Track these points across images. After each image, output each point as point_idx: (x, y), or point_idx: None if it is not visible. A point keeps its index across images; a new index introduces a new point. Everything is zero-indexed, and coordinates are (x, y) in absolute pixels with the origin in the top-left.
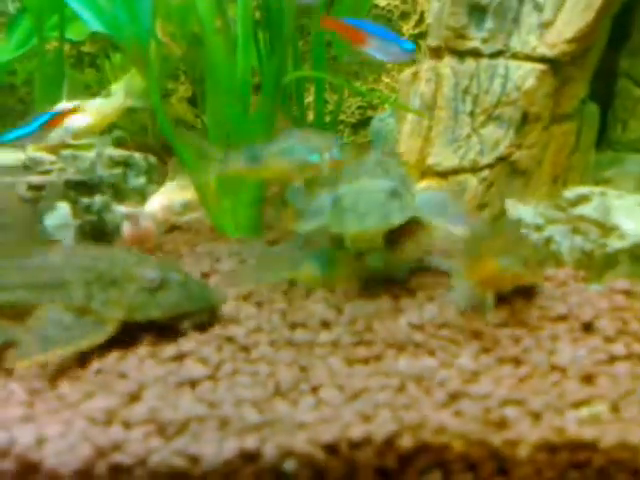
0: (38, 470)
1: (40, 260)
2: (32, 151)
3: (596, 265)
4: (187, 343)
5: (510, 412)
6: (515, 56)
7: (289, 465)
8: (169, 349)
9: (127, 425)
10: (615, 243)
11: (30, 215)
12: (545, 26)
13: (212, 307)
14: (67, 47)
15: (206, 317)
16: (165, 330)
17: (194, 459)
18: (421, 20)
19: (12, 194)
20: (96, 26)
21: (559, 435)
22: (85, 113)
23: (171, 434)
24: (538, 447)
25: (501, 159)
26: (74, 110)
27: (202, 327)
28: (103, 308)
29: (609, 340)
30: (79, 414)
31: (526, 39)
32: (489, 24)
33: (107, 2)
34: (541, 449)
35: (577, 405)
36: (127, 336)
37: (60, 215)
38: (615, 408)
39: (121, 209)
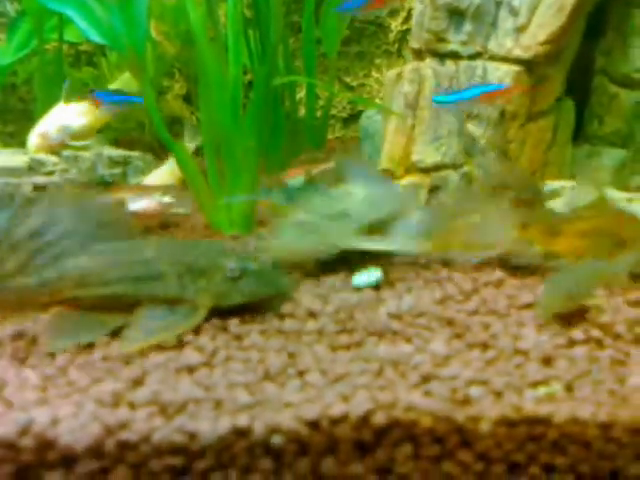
0: (54, 446)
1: (136, 255)
2: (34, 153)
3: None
4: (185, 333)
5: (474, 391)
6: (492, 58)
7: (277, 439)
8: None
9: (132, 406)
10: None
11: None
12: (520, 30)
13: (286, 292)
14: (65, 46)
15: (281, 301)
16: None
17: (192, 435)
18: (409, 17)
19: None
20: (93, 35)
21: (517, 412)
22: (80, 114)
23: (171, 414)
24: (498, 422)
25: None
26: None
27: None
28: (195, 296)
29: (570, 326)
30: (89, 397)
31: (502, 42)
32: (467, 28)
33: (104, 12)
34: (501, 424)
35: (535, 385)
36: None
37: None
38: (570, 388)
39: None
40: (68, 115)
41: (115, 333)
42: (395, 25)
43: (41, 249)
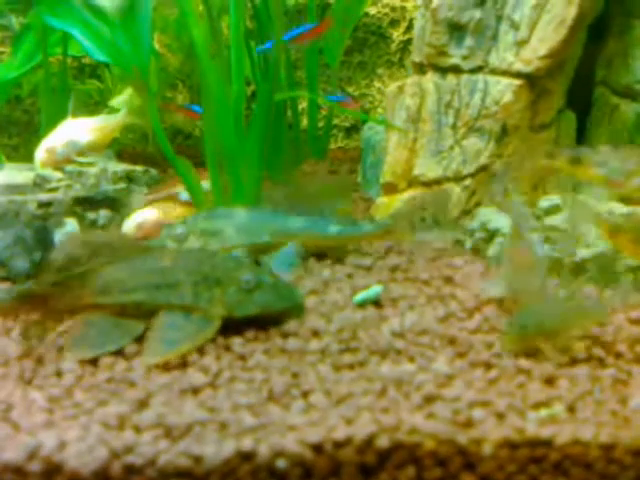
0: (61, 470)
1: (154, 264)
2: (40, 169)
3: (565, 273)
4: (189, 353)
5: (477, 413)
6: (493, 72)
7: (281, 463)
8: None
9: (137, 429)
10: (582, 252)
11: None
12: (521, 44)
13: (299, 306)
14: (69, 59)
15: (295, 315)
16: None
17: (197, 459)
18: (410, 27)
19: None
20: (97, 54)
21: (519, 434)
22: (88, 130)
23: (177, 437)
24: (500, 445)
25: (482, 168)
26: None
27: None
28: (209, 306)
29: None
30: (95, 420)
31: (503, 56)
32: (468, 42)
33: (108, 31)
34: (503, 446)
35: (537, 406)
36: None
37: (68, 231)
38: (571, 408)
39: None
40: (76, 131)
41: (119, 351)
42: (397, 35)
43: None
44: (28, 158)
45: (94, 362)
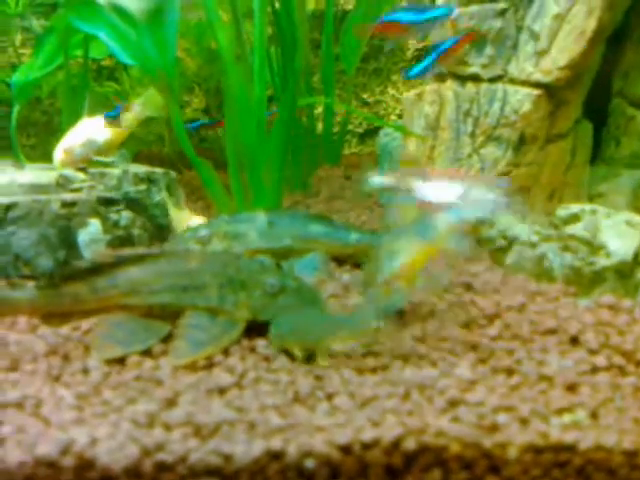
0: (94, 466)
1: (181, 266)
2: (60, 168)
3: (585, 281)
4: (214, 354)
5: (501, 418)
6: (513, 81)
7: (310, 463)
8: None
9: (167, 427)
10: (602, 261)
11: None
12: (541, 54)
13: (322, 310)
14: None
15: None
16: None
17: (227, 457)
18: (426, 35)
19: None
20: (124, 57)
21: (543, 439)
22: (104, 127)
23: (206, 435)
24: (525, 449)
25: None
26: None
27: None
28: (234, 309)
29: (593, 352)
30: (124, 417)
31: (523, 66)
32: (489, 51)
33: (135, 34)
34: (527, 451)
35: (560, 412)
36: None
37: (92, 231)
38: (594, 415)
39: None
40: (92, 129)
41: (146, 351)
42: (412, 43)
43: None
44: (45, 158)
45: (120, 361)
